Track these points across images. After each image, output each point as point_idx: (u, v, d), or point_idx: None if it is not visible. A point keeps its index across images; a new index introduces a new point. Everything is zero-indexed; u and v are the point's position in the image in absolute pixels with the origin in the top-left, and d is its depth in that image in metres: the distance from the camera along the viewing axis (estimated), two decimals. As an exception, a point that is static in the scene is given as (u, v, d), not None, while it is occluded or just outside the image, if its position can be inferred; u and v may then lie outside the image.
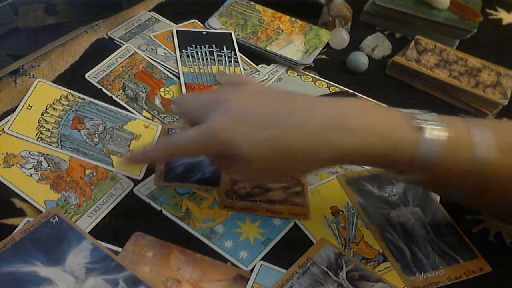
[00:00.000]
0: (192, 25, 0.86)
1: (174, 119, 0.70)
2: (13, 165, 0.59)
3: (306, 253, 0.56)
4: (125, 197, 0.60)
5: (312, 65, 0.84)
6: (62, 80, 0.71)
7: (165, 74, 0.76)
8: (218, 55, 0.79)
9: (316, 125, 0.47)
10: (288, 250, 0.57)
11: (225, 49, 0.81)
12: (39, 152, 0.61)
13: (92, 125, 0.66)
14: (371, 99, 0.79)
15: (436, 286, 0.56)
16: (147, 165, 0.63)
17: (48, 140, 0.63)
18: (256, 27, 0.86)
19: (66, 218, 0.55)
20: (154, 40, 0.81)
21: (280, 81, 0.79)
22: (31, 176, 0.59)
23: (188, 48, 0.80)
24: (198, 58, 0.78)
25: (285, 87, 0.78)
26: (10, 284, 0.49)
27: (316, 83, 0.80)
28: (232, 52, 0.81)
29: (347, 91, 0.79)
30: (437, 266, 0.58)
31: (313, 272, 0.54)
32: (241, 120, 0.47)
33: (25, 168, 0.60)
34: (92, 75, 0.72)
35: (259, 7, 0.91)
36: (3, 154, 0.60)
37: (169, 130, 0.68)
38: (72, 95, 0.69)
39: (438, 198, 0.66)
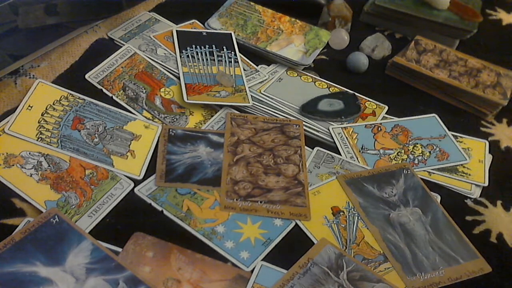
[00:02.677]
0: (192, 26, 0.86)
1: (175, 119, 0.70)
2: (13, 165, 0.59)
3: (306, 254, 0.56)
4: (126, 197, 0.60)
5: (312, 65, 0.84)
6: (62, 80, 0.71)
7: (165, 74, 0.76)
8: (218, 56, 0.79)
9: None
10: (289, 251, 0.57)
11: (225, 49, 0.81)
12: (39, 152, 0.61)
13: (92, 125, 0.66)
14: (371, 99, 0.79)
15: (437, 287, 0.56)
16: (147, 165, 0.63)
17: (48, 140, 0.63)
18: (256, 27, 0.86)
19: (66, 218, 0.55)
20: (154, 40, 0.81)
21: (280, 81, 0.79)
22: (31, 176, 0.59)
23: (188, 48, 0.80)
24: (198, 59, 0.78)
25: (285, 88, 0.78)
26: (10, 284, 0.49)
27: (316, 83, 0.80)
28: (232, 52, 0.81)
29: (347, 91, 0.79)
30: (438, 267, 0.58)
31: (313, 273, 0.54)
32: None
33: (25, 168, 0.59)
34: (93, 76, 0.72)
35: (259, 7, 0.91)
36: (3, 154, 0.60)
37: (170, 130, 0.68)
38: (72, 95, 0.68)
39: (438, 198, 0.66)
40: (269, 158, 0.66)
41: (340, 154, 0.69)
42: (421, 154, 0.71)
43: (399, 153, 0.71)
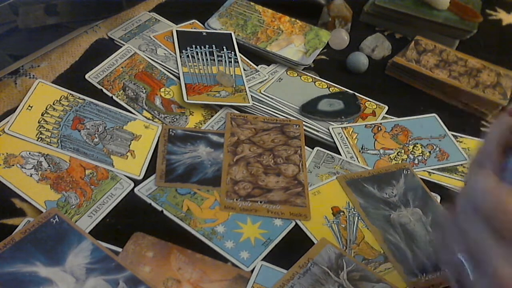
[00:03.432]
0: (192, 26, 0.86)
1: (175, 119, 0.70)
2: (13, 165, 0.59)
3: (306, 254, 0.56)
4: (126, 197, 0.60)
5: (312, 65, 0.84)
6: (62, 80, 0.71)
7: (165, 74, 0.76)
8: (218, 56, 0.79)
9: None
10: (289, 251, 0.57)
11: (225, 49, 0.81)
12: (39, 153, 0.61)
13: (92, 125, 0.66)
14: (371, 100, 0.79)
15: (439, 287, 0.56)
16: (147, 165, 0.63)
17: (48, 140, 0.63)
18: (256, 27, 0.86)
19: (66, 218, 0.55)
20: (154, 40, 0.81)
21: (280, 81, 0.79)
22: (31, 176, 0.59)
23: (188, 48, 0.80)
24: (198, 59, 0.78)
25: (285, 88, 0.78)
26: (10, 284, 0.49)
27: (316, 83, 0.80)
28: (232, 52, 0.81)
29: (347, 91, 0.79)
30: (439, 267, 0.57)
31: (314, 273, 0.54)
32: None
33: (25, 168, 0.59)
34: (93, 76, 0.72)
35: (259, 7, 0.91)
36: (3, 154, 0.60)
37: (170, 130, 0.68)
38: (72, 95, 0.68)
39: (438, 198, 0.66)
40: (269, 158, 0.66)
41: (340, 154, 0.69)
42: (421, 154, 0.71)
43: (399, 153, 0.71)
